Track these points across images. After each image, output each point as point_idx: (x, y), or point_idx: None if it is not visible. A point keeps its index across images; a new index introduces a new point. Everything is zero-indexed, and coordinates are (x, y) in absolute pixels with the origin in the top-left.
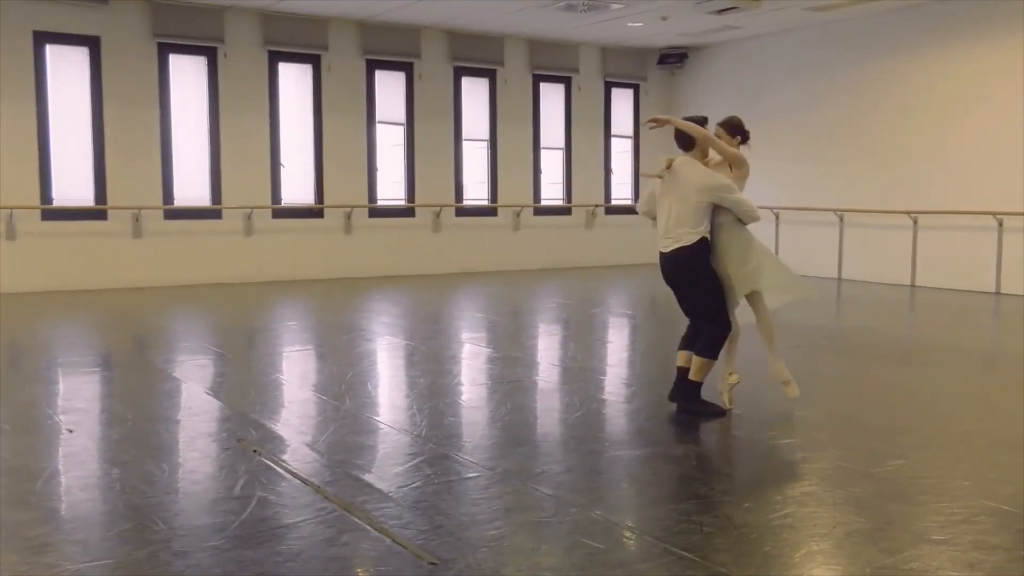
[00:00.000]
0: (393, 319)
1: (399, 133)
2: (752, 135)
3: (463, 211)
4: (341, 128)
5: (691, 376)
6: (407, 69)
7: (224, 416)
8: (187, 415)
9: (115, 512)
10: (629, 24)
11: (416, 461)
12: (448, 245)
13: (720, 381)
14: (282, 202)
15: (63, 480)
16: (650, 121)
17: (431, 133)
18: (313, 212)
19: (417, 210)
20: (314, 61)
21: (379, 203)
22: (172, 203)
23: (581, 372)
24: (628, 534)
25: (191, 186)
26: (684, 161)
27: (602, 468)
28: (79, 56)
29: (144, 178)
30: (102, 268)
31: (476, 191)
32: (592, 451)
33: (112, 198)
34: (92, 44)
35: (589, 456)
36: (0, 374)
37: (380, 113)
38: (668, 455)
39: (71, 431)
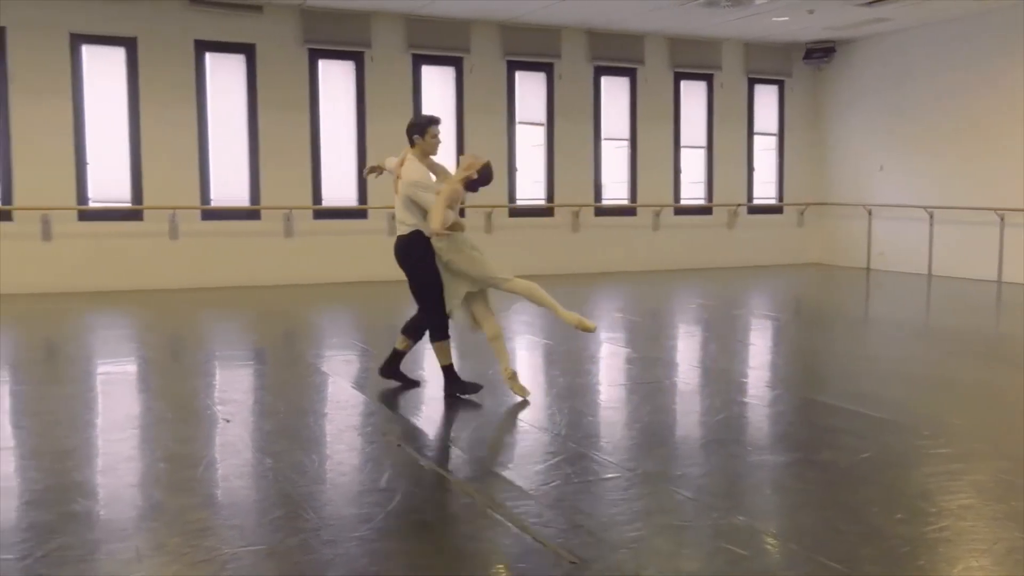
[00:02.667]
0: (532, 318)
1: (539, 133)
2: (900, 130)
3: (602, 211)
4: (482, 129)
5: (440, 362)
6: (547, 69)
7: (369, 411)
8: (335, 408)
9: (268, 500)
10: (774, 19)
11: (556, 460)
12: (587, 245)
13: (507, 381)
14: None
15: (220, 468)
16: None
17: (571, 133)
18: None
19: (556, 210)
20: (456, 63)
21: (519, 203)
22: (320, 203)
23: (722, 374)
24: (771, 541)
25: (339, 188)
26: (407, 156)
27: (744, 472)
28: (235, 63)
29: (295, 180)
30: (256, 266)
31: (615, 191)
32: (733, 455)
33: (265, 199)
34: (248, 51)
35: (730, 460)
36: (163, 367)
37: (521, 113)
38: (813, 461)
39: (228, 421)
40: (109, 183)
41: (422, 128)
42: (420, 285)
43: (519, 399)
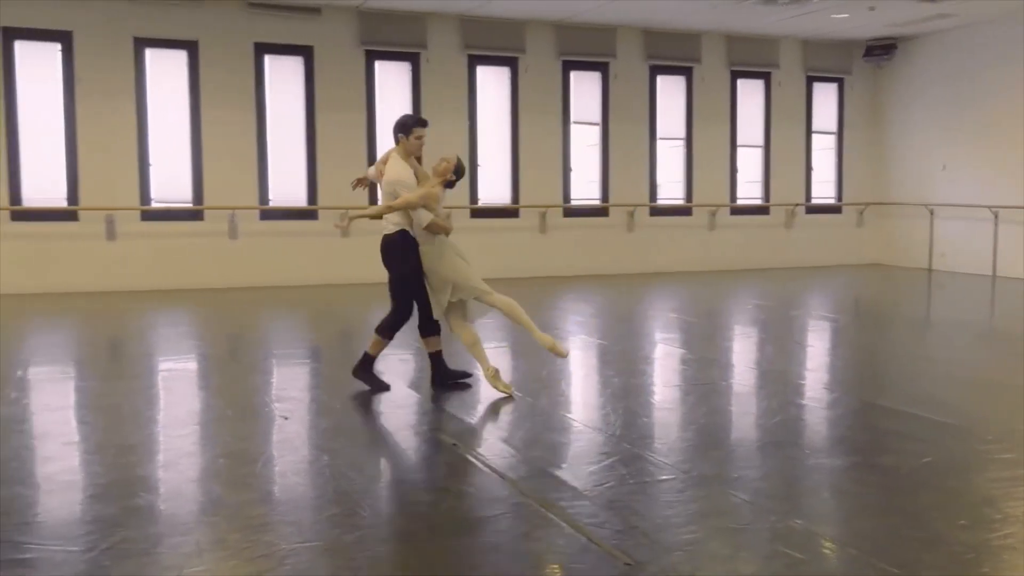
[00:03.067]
0: (586, 318)
1: (594, 133)
2: (963, 128)
3: (657, 211)
4: (537, 129)
5: (368, 349)
6: (602, 69)
7: (424, 409)
8: (390, 407)
9: (325, 496)
10: (833, 16)
11: (610, 461)
12: (642, 245)
13: (490, 380)
14: (479, 202)
15: (278, 464)
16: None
17: (626, 132)
18: (508, 212)
19: (611, 210)
20: (511, 64)
21: (573, 203)
22: (377, 203)
23: (779, 376)
24: (830, 545)
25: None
26: (391, 155)
27: (801, 476)
28: (294, 65)
29: (350, 179)
30: (313, 265)
31: (671, 190)
32: (791, 458)
33: (322, 199)
34: (306, 53)
35: (788, 463)
36: (223, 364)
37: (575, 113)
38: (872, 465)
39: (286, 419)
40: (171, 184)
41: (407, 128)
42: (397, 283)
43: (575, 401)
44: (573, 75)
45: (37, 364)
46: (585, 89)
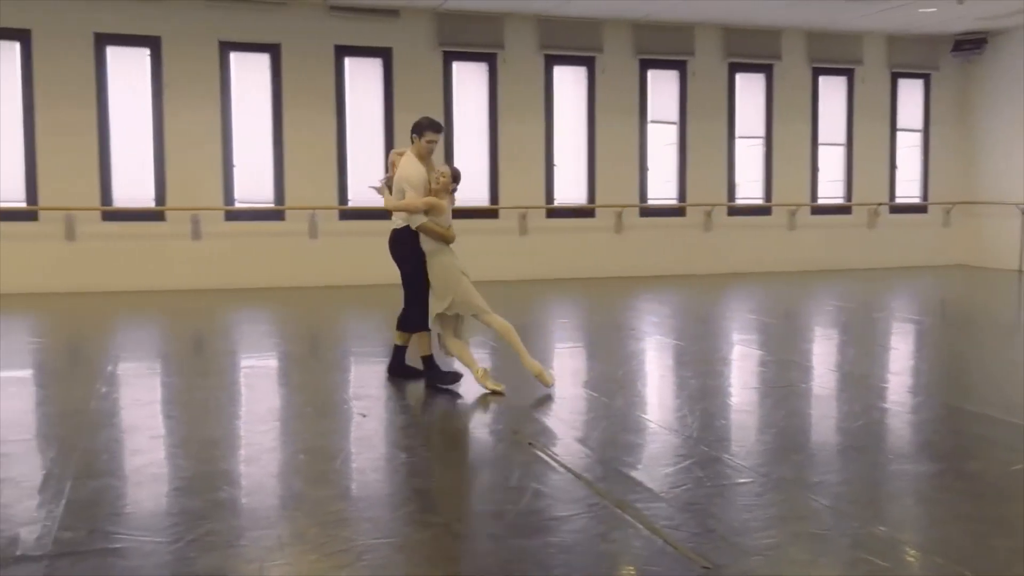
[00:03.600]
0: (662, 319)
1: (671, 132)
2: None
3: (735, 210)
4: (614, 128)
5: (420, 353)
6: (680, 67)
7: (500, 409)
8: (466, 406)
9: (402, 494)
10: (920, 10)
11: (687, 463)
12: (719, 245)
13: (480, 381)
14: (555, 202)
15: (356, 461)
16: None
17: (704, 131)
18: (585, 212)
19: (688, 209)
20: (588, 63)
21: (650, 202)
22: (454, 204)
23: (861, 379)
24: (914, 553)
25: (470, 188)
26: (406, 153)
27: (884, 481)
28: (373, 67)
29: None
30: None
31: (749, 190)
32: (873, 463)
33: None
34: (385, 55)
35: (870, 468)
36: (302, 362)
37: (652, 112)
38: (959, 471)
39: (364, 416)
40: (253, 185)
41: (420, 130)
42: (406, 277)
43: (651, 402)
44: (651, 74)
45: (126, 360)
46: (663, 88)
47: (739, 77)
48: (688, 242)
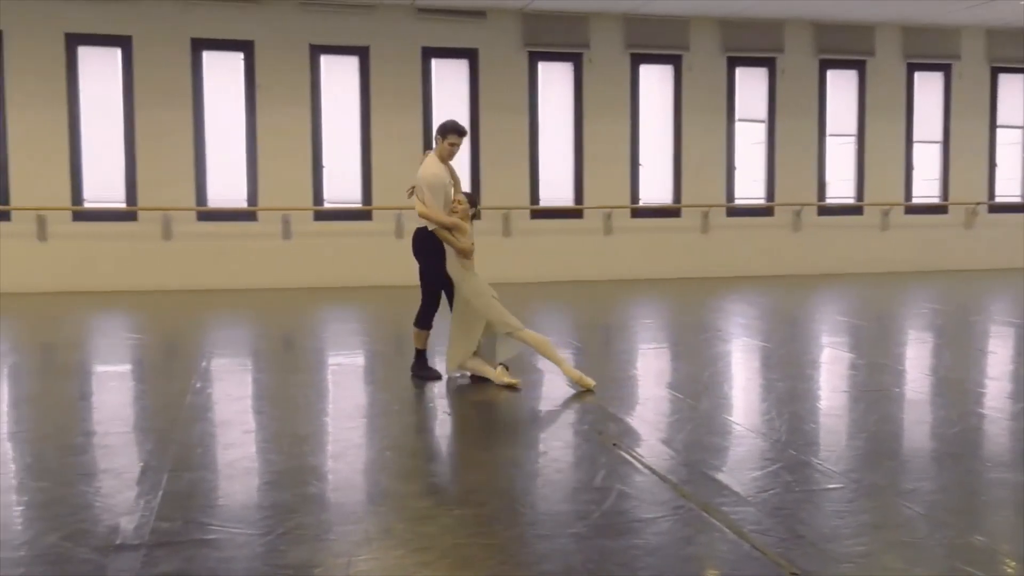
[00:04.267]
0: (750, 320)
1: (760, 130)
2: None
3: (825, 210)
4: (700, 127)
5: (416, 345)
6: (769, 64)
7: (585, 409)
8: (550, 405)
9: (485, 492)
10: (1023, 3)
11: (775, 467)
12: (809, 245)
13: (499, 379)
14: (640, 201)
15: (440, 458)
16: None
17: (793, 129)
18: (671, 212)
19: (776, 209)
20: (675, 61)
21: (737, 202)
22: (538, 203)
23: (957, 384)
24: (1014, 564)
25: (555, 187)
26: (429, 155)
27: (982, 490)
28: (459, 68)
29: (515, 181)
30: (480, 263)
31: (840, 189)
32: (970, 471)
33: (486, 199)
34: (471, 56)
35: (967, 476)
36: (389, 359)
37: (740, 110)
38: None
39: (449, 414)
40: (343, 185)
41: (443, 133)
42: (425, 275)
43: (737, 404)
44: (739, 71)
45: (219, 356)
46: (751, 85)
47: (830, 74)
48: (776, 242)
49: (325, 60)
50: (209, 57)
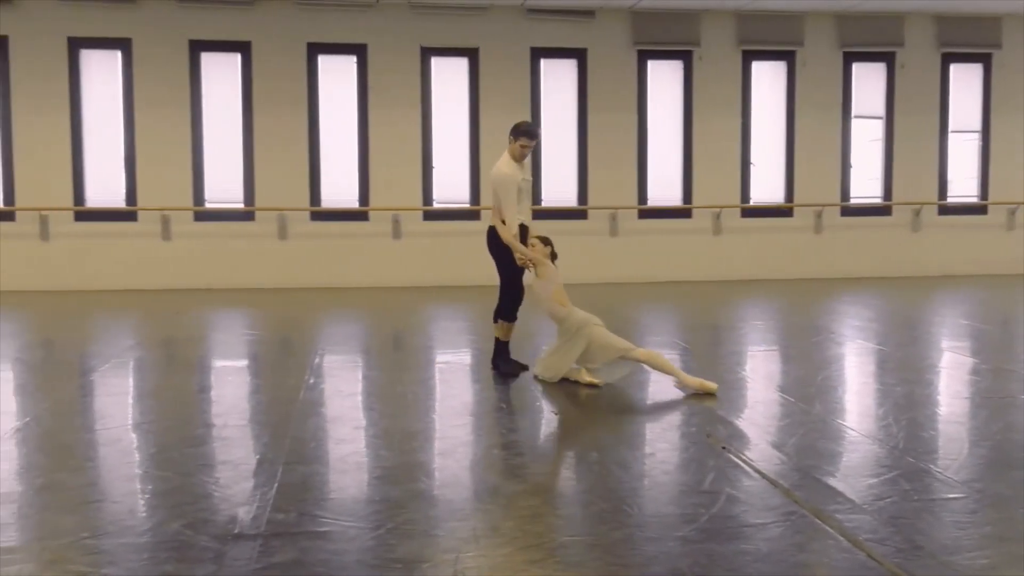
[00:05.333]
0: (865, 322)
1: (877, 127)
2: None
3: (947, 209)
4: (815, 124)
5: (499, 337)
6: (888, 59)
7: (692, 411)
8: (657, 407)
9: (593, 492)
10: None
11: (892, 474)
12: (929, 245)
13: (582, 378)
14: (751, 201)
15: (549, 458)
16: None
17: (913, 125)
18: (783, 211)
19: (894, 208)
20: (788, 57)
21: (852, 201)
22: (646, 203)
23: None
24: None
25: (663, 187)
26: (504, 154)
27: None
28: (569, 67)
29: (623, 180)
30: (584, 263)
31: (963, 187)
32: None
33: (593, 199)
34: (579, 56)
35: None
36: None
37: (857, 107)
38: None
39: (556, 414)
40: (451, 185)
41: (516, 134)
42: (501, 270)
43: (852, 409)
44: (855, 67)
45: (331, 353)
46: (868, 81)
47: (953, 68)
48: (894, 242)
49: (435, 62)
50: (325, 62)
